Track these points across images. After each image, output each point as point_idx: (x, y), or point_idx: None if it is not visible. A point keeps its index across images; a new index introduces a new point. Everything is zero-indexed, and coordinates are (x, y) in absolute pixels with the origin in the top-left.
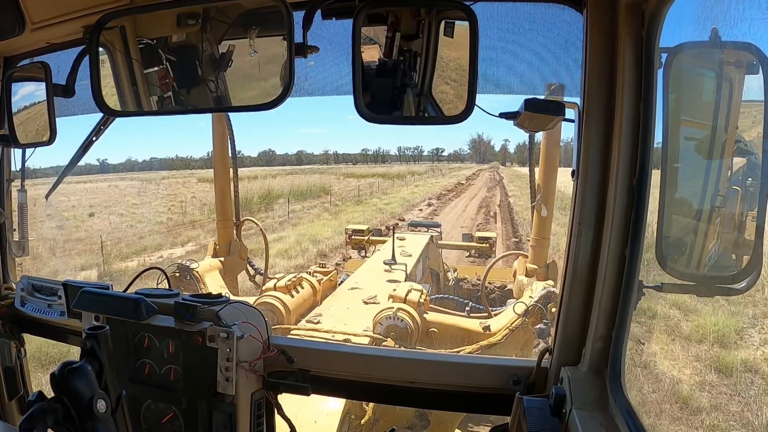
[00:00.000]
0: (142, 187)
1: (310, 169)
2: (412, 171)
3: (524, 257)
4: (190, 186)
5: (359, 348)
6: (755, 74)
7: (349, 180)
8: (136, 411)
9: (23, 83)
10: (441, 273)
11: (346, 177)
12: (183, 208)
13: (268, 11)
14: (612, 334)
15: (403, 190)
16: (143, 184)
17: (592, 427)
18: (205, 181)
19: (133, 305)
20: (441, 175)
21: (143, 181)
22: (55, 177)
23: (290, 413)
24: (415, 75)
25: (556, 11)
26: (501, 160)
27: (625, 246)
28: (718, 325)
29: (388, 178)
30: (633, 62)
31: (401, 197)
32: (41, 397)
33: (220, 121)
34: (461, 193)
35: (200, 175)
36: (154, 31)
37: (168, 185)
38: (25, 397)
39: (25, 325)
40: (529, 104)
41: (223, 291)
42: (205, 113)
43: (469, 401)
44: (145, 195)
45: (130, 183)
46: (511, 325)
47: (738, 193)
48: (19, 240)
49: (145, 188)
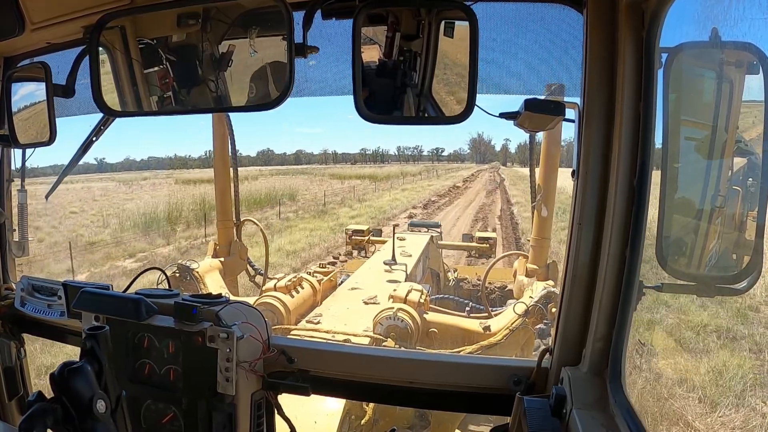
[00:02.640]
0: (113, 189)
1: (303, 169)
2: (405, 172)
3: (524, 257)
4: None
5: (359, 348)
6: (755, 74)
7: (332, 182)
8: (136, 411)
9: (23, 83)
10: (441, 273)
11: (332, 178)
12: (106, 221)
13: (268, 11)
14: (612, 335)
15: (385, 196)
16: (117, 185)
17: (592, 427)
18: (185, 183)
19: (133, 305)
20: (435, 177)
21: (120, 182)
22: (54, 177)
23: (290, 413)
24: (415, 75)
25: (556, 11)
26: (502, 160)
27: (625, 246)
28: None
29: (377, 179)
30: (633, 62)
31: (378, 206)
32: (41, 397)
33: (220, 121)
34: (455, 199)
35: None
36: (155, 31)
37: (140, 186)
38: (25, 397)
39: (25, 325)
40: (530, 104)
41: (223, 291)
42: (205, 113)
43: (470, 401)
44: (91, 202)
45: (105, 185)
46: (512, 325)
47: (738, 193)
48: (19, 240)
49: (116, 189)
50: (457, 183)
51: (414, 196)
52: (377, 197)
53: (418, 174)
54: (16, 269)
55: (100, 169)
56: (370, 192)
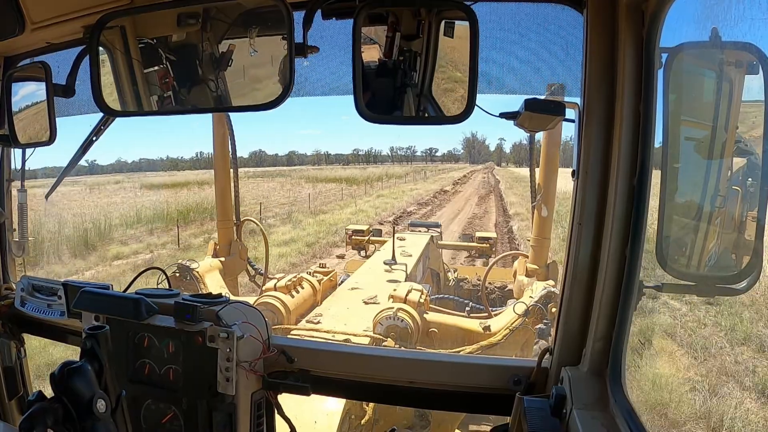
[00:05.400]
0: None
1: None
2: (390, 173)
3: (524, 257)
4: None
5: (359, 348)
6: (755, 74)
7: (304, 187)
8: (136, 411)
9: (23, 83)
10: (441, 273)
11: (307, 182)
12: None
13: (268, 11)
14: (612, 334)
15: (351, 206)
16: (82, 189)
17: (592, 427)
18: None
19: (133, 305)
20: (423, 179)
21: (89, 186)
22: (54, 177)
23: (290, 413)
24: (415, 75)
25: (556, 11)
26: (496, 160)
27: (625, 246)
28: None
29: (354, 182)
30: (633, 62)
31: (332, 222)
32: (41, 397)
33: (220, 121)
34: (439, 208)
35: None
36: (155, 31)
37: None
38: (25, 397)
39: (25, 325)
40: (530, 104)
41: (223, 291)
42: (205, 113)
43: (470, 401)
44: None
45: (69, 189)
46: (512, 325)
47: (738, 193)
48: (19, 240)
49: (69, 195)
50: (446, 186)
51: (387, 205)
52: (341, 207)
53: (404, 176)
54: (16, 269)
55: (91, 171)
56: (335, 200)
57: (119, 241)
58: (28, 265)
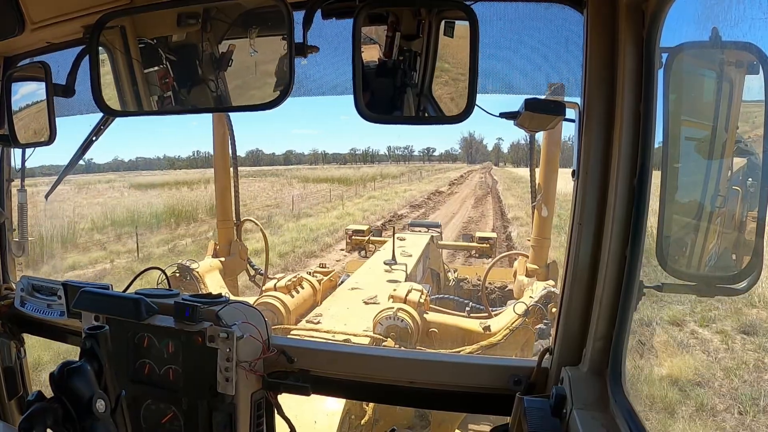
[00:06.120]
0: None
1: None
2: (385, 173)
3: (524, 257)
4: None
5: (359, 348)
6: (756, 74)
7: (295, 187)
8: (135, 411)
9: (23, 83)
10: (441, 273)
11: (299, 182)
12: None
13: (268, 11)
14: (612, 335)
15: (338, 208)
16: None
17: (592, 427)
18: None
19: (133, 305)
20: (418, 179)
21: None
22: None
23: (290, 413)
24: (415, 75)
25: (557, 11)
26: (494, 159)
27: (625, 246)
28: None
29: (347, 183)
30: (633, 62)
31: (314, 227)
32: (41, 397)
33: (220, 121)
34: (432, 210)
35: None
36: (154, 31)
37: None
38: (25, 397)
39: (25, 325)
40: (530, 104)
41: (223, 291)
42: (205, 113)
43: (470, 401)
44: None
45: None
46: (512, 325)
47: (738, 193)
48: (19, 240)
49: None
50: (441, 187)
51: (377, 208)
52: (327, 210)
53: (399, 176)
54: (16, 269)
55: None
56: (323, 202)
57: (82, 248)
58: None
